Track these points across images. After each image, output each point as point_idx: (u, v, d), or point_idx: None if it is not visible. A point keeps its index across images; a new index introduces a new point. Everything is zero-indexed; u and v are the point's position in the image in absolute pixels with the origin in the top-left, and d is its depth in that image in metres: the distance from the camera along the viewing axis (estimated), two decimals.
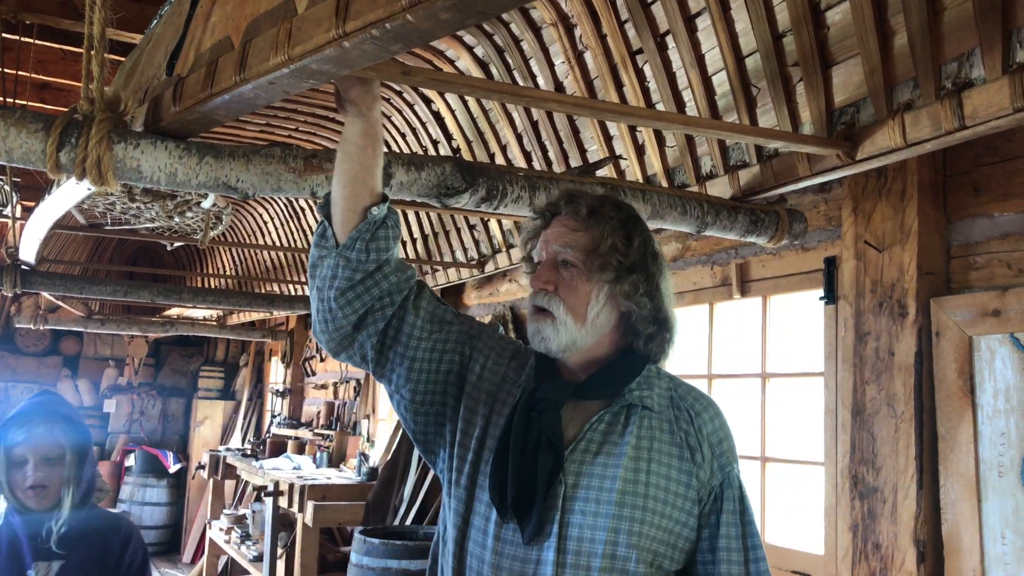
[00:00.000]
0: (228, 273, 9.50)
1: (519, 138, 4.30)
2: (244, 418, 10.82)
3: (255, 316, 9.29)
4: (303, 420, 9.24)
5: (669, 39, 3.20)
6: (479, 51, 4.12)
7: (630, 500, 1.49)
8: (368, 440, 7.30)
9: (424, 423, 1.67)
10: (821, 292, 3.27)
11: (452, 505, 1.62)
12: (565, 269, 1.61)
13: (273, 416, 9.87)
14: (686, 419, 1.60)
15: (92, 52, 1.89)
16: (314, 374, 9.27)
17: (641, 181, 3.65)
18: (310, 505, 5.81)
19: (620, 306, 1.62)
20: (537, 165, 4.25)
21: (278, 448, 8.09)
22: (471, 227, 5.26)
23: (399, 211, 1.71)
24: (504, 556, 1.51)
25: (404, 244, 5.99)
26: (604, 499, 1.49)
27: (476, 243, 5.27)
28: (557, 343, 1.58)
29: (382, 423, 7.28)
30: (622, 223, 1.62)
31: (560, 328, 1.57)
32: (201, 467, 9.26)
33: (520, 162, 4.33)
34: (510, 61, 3.98)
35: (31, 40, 4.55)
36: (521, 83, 3.96)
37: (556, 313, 1.58)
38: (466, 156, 4.64)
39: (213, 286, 9.81)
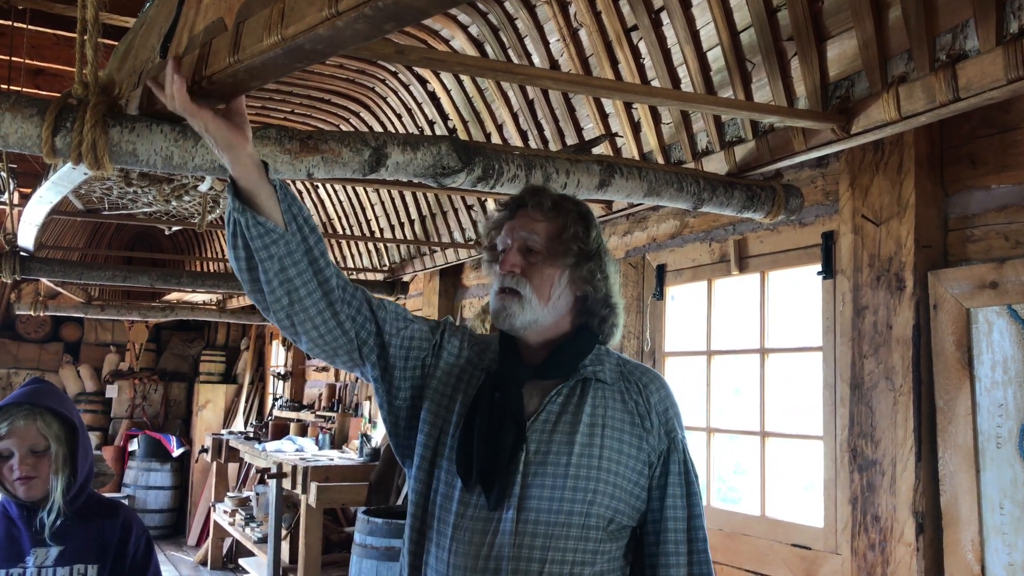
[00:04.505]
0: (227, 257, 9.48)
1: (515, 117, 4.29)
2: (246, 401, 10.84)
3: None
4: (305, 402, 9.27)
5: (664, 15, 3.19)
6: (474, 30, 4.10)
7: (586, 463, 1.64)
8: (370, 421, 7.32)
9: (397, 415, 1.81)
10: (819, 267, 3.28)
11: (418, 479, 1.76)
12: (531, 255, 1.75)
13: (275, 399, 9.89)
14: (635, 390, 1.76)
15: (86, 36, 1.89)
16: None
17: (638, 158, 3.65)
18: (313, 486, 5.85)
19: (577, 290, 1.77)
20: (533, 144, 4.24)
21: (280, 430, 8.12)
22: (468, 207, 5.25)
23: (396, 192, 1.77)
24: (466, 518, 1.64)
25: (401, 226, 5.99)
26: (562, 463, 1.64)
27: (473, 223, 5.26)
28: (521, 319, 1.72)
29: None
30: (581, 216, 1.78)
31: (526, 306, 1.72)
32: (204, 450, 9.30)
33: (516, 141, 4.32)
34: (505, 39, 3.96)
35: (24, 25, 4.52)
36: (516, 61, 3.94)
37: (523, 292, 1.72)
38: (462, 136, 4.63)
39: (212, 270, 9.81)
